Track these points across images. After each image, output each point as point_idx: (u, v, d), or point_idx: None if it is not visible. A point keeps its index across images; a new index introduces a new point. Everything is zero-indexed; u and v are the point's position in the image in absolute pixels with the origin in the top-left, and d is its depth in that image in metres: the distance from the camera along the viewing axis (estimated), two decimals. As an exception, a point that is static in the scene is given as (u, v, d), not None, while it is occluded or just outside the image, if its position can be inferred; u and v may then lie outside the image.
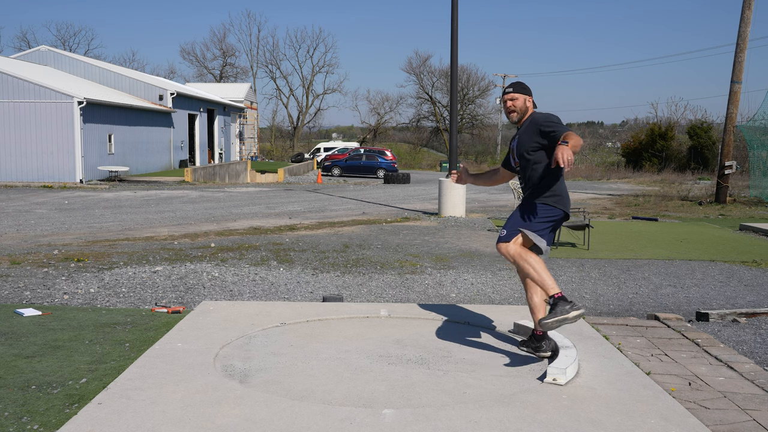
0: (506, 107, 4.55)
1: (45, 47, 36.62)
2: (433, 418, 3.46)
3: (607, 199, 22.26)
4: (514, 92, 4.52)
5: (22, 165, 25.95)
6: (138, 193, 21.83)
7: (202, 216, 15.36)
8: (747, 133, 22.23)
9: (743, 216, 16.87)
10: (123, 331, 5.36)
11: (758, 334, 5.82)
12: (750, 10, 19.81)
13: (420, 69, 73.04)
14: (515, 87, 4.56)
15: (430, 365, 4.34)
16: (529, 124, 4.44)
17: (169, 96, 35.00)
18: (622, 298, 7.33)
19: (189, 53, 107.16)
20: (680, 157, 44.32)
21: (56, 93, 25.81)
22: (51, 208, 17.11)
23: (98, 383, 4.08)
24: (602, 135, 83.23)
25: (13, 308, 6.11)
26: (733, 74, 20.08)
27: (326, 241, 10.91)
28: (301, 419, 3.43)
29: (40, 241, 11.07)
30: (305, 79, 78.39)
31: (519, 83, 4.58)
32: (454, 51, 15.64)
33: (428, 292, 7.36)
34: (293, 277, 7.96)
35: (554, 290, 4.19)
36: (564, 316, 4.10)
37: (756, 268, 9.17)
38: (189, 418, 3.42)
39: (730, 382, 4.46)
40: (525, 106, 4.50)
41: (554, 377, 3.98)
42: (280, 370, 4.23)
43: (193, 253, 9.51)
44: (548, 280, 4.23)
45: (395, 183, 31.83)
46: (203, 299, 6.78)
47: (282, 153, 68.27)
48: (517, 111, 4.49)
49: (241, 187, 27.10)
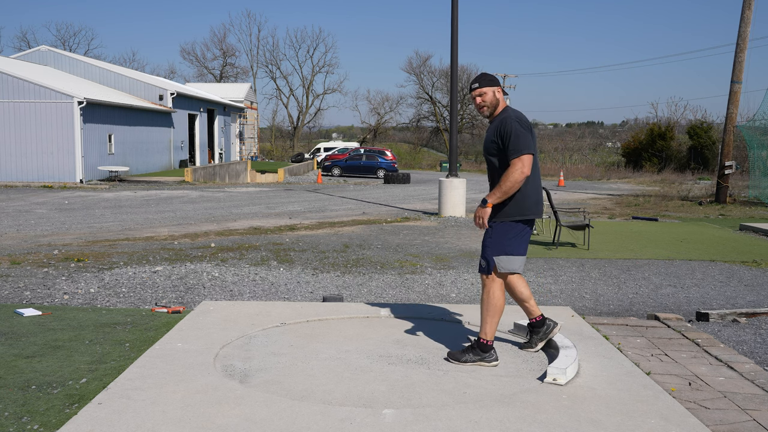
0: (476, 104, 4.38)
1: (45, 47, 36.62)
2: (433, 418, 3.46)
3: (607, 199, 22.26)
4: (481, 87, 4.34)
5: (22, 165, 25.95)
6: (138, 193, 21.83)
7: (202, 216, 15.36)
8: (747, 133, 22.22)
9: (743, 216, 16.87)
10: (123, 331, 5.35)
11: (758, 334, 5.82)
12: (750, 10, 19.81)
13: (420, 69, 73.11)
14: (481, 81, 4.37)
15: (430, 365, 4.34)
16: (498, 123, 4.28)
17: (169, 96, 35.00)
18: (622, 298, 7.33)
19: (189, 53, 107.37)
20: (680, 157, 44.33)
21: (56, 93, 25.81)
22: (51, 208, 17.11)
23: (98, 383, 4.08)
24: (602, 135, 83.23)
25: (13, 308, 6.11)
26: (733, 74, 20.08)
27: (326, 241, 10.91)
28: (301, 419, 3.43)
29: (40, 241, 11.07)
30: (305, 79, 78.47)
31: (484, 76, 4.39)
32: (454, 51, 15.64)
33: (428, 292, 7.36)
34: (293, 277, 7.96)
35: (488, 337, 4.33)
36: (475, 362, 4.32)
37: (756, 268, 9.17)
38: (189, 418, 3.42)
39: (730, 382, 4.46)
40: (495, 99, 4.34)
41: (554, 377, 3.98)
42: (280, 370, 4.23)
43: (193, 253, 9.51)
44: (491, 325, 4.32)
45: (395, 183, 31.82)
46: (203, 299, 6.78)
47: (282, 153, 68.27)
48: (487, 105, 4.35)
49: (241, 187, 27.10)
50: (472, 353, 4.35)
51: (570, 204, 19.81)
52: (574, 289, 7.66)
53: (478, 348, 4.35)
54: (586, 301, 7.12)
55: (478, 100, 4.37)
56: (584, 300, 7.18)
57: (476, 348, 4.36)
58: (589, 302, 7.09)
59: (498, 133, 4.24)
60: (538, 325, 4.57)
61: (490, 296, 4.33)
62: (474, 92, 4.36)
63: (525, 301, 4.46)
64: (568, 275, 8.45)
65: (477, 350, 4.35)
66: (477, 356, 4.33)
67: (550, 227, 12.70)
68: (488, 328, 4.33)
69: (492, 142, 4.29)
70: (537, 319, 4.56)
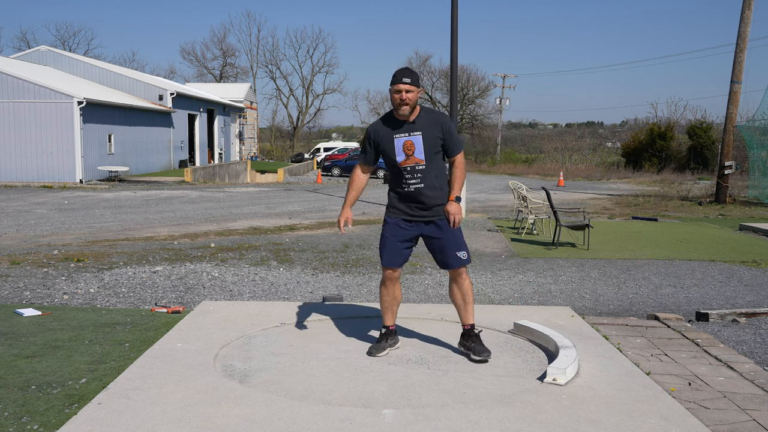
0: (400, 99, 4.14)
1: (45, 47, 36.62)
2: (433, 418, 3.46)
3: (607, 199, 22.26)
4: (412, 84, 4.14)
5: (22, 165, 25.95)
6: (138, 193, 21.83)
7: (202, 216, 15.36)
8: (746, 133, 22.21)
9: (743, 216, 16.87)
10: (123, 331, 5.35)
11: (758, 334, 5.82)
12: (750, 10, 19.81)
13: (420, 69, 73.03)
14: (413, 78, 4.15)
15: (430, 365, 4.34)
16: (431, 122, 4.25)
17: (169, 96, 34.99)
18: (622, 298, 7.33)
19: (189, 53, 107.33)
20: (680, 157, 44.29)
21: (56, 93, 25.81)
22: (51, 208, 17.11)
23: (98, 383, 4.08)
24: (602, 135, 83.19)
25: (13, 308, 6.10)
26: (732, 74, 20.07)
27: (326, 241, 10.91)
28: (301, 419, 3.43)
29: (40, 241, 11.07)
30: (305, 79, 78.44)
31: (415, 73, 4.20)
32: (454, 51, 15.64)
33: (428, 292, 7.36)
34: (293, 277, 7.96)
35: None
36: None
37: (756, 268, 9.17)
38: (189, 418, 3.42)
39: (730, 382, 4.46)
40: (416, 100, 4.22)
41: (554, 377, 3.98)
42: (280, 370, 4.22)
43: (193, 253, 9.51)
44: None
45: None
46: (203, 299, 6.78)
47: (282, 153, 68.25)
48: (410, 105, 4.17)
49: (240, 187, 27.10)
50: (482, 342, 4.51)
51: (570, 204, 19.81)
52: (574, 289, 7.66)
53: (478, 336, 4.50)
54: (585, 301, 7.12)
55: (404, 96, 4.14)
56: (584, 300, 7.18)
57: (478, 336, 4.51)
58: (589, 302, 7.09)
59: (441, 130, 4.28)
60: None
61: (470, 285, 4.47)
62: (403, 86, 4.13)
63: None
64: (568, 275, 8.45)
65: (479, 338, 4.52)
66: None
67: (550, 227, 12.70)
68: (473, 313, 4.51)
69: (437, 140, 4.27)
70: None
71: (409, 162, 4.27)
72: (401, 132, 4.28)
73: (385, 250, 4.43)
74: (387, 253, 4.43)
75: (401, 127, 4.29)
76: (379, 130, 4.35)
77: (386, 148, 4.31)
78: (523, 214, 12.73)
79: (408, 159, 4.27)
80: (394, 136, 4.29)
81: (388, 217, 4.46)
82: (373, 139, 4.37)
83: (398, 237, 4.40)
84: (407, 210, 4.37)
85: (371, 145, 4.39)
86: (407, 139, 4.26)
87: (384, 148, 4.33)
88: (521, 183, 13.96)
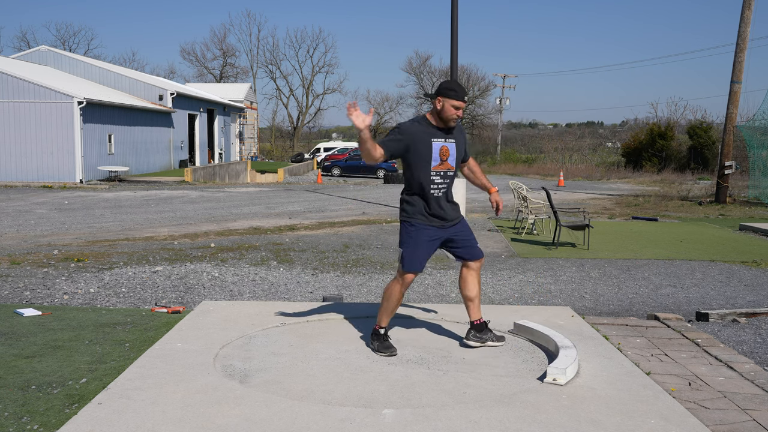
0: (457, 115, 4.33)
1: (45, 47, 36.61)
2: (433, 418, 3.46)
3: (607, 199, 22.26)
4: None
5: (22, 165, 25.95)
6: (138, 193, 21.83)
7: (202, 216, 15.36)
8: (747, 133, 22.21)
9: (743, 216, 16.87)
10: (123, 331, 5.35)
11: (758, 334, 5.82)
12: (750, 10, 19.81)
13: (420, 69, 73.02)
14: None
15: (430, 365, 4.34)
16: (459, 131, 4.48)
17: (169, 96, 35.00)
18: (622, 298, 7.33)
19: (189, 53, 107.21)
20: (680, 157, 44.30)
21: (56, 93, 25.81)
22: (51, 208, 17.11)
23: (98, 383, 4.08)
24: (602, 135, 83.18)
25: (13, 308, 6.10)
26: (733, 74, 20.07)
27: (326, 241, 10.91)
28: (301, 419, 3.43)
29: (40, 241, 11.07)
30: (305, 79, 78.38)
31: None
32: (454, 51, 15.63)
33: (428, 292, 7.36)
34: (293, 277, 7.96)
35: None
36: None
37: (756, 268, 9.17)
38: (189, 418, 3.42)
39: (730, 382, 4.46)
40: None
41: (554, 377, 3.98)
42: (280, 370, 4.22)
43: (193, 253, 9.51)
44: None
45: (395, 183, 31.80)
46: (203, 299, 6.78)
47: (282, 153, 68.23)
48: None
49: (241, 187, 27.10)
50: (489, 332, 4.67)
51: (570, 204, 19.81)
52: (574, 289, 7.66)
53: (486, 326, 4.66)
54: (586, 301, 7.12)
55: (461, 113, 4.34)
56: (584, 300, 7.19)
57: (486, 325, 4.66)
58: (589, 302, 7.09)
59: (464, 138, 4.58)
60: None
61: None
62: (464, 103, 4.33)
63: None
64: (568, 275, 8.45)
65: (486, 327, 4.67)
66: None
67: (550, 227, 12.70)
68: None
69: (463, 147, 4.56)
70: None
71: (442, 167, 4.38)
72: (439, 137, 4.38)
73: (417, 257, 4.41)
74: (419, 259, 4.42)
75: (439, 133, 4.39)
76: (415, 131, 4.34)
77: (421, 150, 4.32)
78: (524, 214, 12.73)
79: (441, 164, 4.37)
80: (432, 140, 4.35)
81: (416, 222, 4.41)
82: (405, 137, 4.32)
83: (433, 244, 4.47)
84: (440, 214, 4.43)
85: (399, 142, 4.32)
86: (444, 145, 4.38)
87: (418, 150, 4.32)
88: (521, 183, 13.96)
